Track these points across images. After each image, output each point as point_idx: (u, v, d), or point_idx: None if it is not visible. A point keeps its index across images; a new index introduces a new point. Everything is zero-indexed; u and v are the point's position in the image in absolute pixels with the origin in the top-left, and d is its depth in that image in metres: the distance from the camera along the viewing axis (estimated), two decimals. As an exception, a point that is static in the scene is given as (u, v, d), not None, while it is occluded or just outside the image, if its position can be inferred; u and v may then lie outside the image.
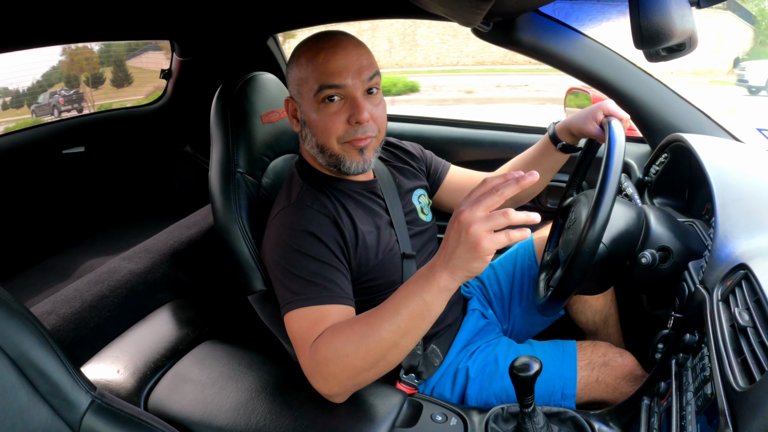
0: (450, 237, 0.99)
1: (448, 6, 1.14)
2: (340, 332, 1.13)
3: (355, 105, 1.31)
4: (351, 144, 1.35)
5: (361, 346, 1.08)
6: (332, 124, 1.32)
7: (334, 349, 1.11)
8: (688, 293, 1.18)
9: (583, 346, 1.51)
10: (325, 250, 1.29)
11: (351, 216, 1.40)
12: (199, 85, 2.80)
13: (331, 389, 1.15)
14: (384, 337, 1.07)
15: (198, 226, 2.13)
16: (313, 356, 1.15)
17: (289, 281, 1.26)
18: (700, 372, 0.98)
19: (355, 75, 1.30)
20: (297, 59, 1.35)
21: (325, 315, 1.20)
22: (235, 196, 1.53)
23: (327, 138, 1.34)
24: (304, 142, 1.41)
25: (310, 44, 1.34)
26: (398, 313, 1.06)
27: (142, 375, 1.36)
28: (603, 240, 1.29)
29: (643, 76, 1.80)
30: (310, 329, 1.19)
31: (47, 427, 0.96)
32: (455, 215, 0.98)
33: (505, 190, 0.95)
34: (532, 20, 1.71)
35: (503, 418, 1.24)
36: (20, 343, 0.93)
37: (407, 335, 1.08)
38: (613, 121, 1.37)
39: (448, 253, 0.99)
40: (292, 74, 1.37)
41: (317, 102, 1.32)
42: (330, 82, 1.29)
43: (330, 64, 1.29)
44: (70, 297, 1.65)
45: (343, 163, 1.37)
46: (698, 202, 1.60)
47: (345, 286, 1.29)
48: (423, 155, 1.78)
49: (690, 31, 1.12)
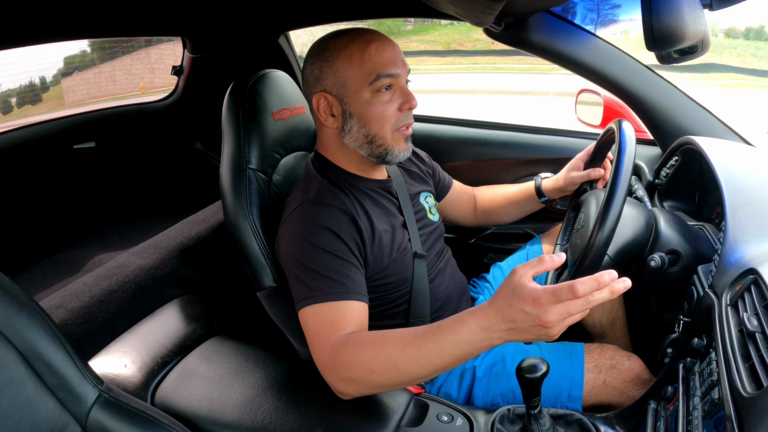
0: (521, 316, 0.95)
1: (460, 5, 1.14)
2: (371, 346, 1.11)
3: (405, 92, 1.38)
4: (400, 132, 1.40)
5: (390, 368, 1.08)
6: (388, 111, 1.37)
7: (360, 360, 1.10)
8: (697, 297, 1.17)
9: (590, 348, 1.51)
10: (342, 246, 1.30)
11: (368, 214, 1.41)
12: (210, 82, 2.81)
13: (346, 390, 1.16)
14: (417, 370, 1.06)
15: (207, 222, 2.14)
16: (334, 357, 1.15)
17: (306, 276, 1.27)
18: (708, 377, 0.98)
19: (402, 65, 1.38)
20: (338, 52, 1.35)
21: (342, 311, 1.21)
22: (246, 193, 1.53)
23: (381, 126, 1.37)
24: (344, 135, 1.41)
25: (351, 37, 1.36)
26: (440, 355, 1.04)
27: (150, 370, 1.36)
28: (608, 251, 1.29)
29: (654, 77, 1.79)
30: (328, 326, 1.20)
31: (54, 420, 0.96)
32: (533, 299, 0.94)
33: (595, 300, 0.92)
34: (544, 21, 1.71)
35: (509, 419, 1.23)
36: (29, 336, 0.94)
37: (438, 372, 1.08)
38: (624, 123, 1.36)
39: (515, 328, 0.97)
40: (331, 68, 1.37)
41: (372, 92, 1.34)
42: (387, 71, 1.34)
43: (383, 55, 1.34)
44: (78, 291, 1.66)
45: (391, 152, 1.41)
46: (708, 206, 1.59)
47: (361, 283, 1.29)
48: (431, 163, 1.82)
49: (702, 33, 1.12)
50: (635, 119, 1.97)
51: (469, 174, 2.30)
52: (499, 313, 0.98)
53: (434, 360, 1.04)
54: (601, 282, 0.90)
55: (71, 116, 2.90)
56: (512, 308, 0.96)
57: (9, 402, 0.91)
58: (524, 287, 0.96)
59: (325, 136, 1.47)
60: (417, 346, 1.06)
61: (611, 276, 0.90)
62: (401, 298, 1.47)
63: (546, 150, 2.22)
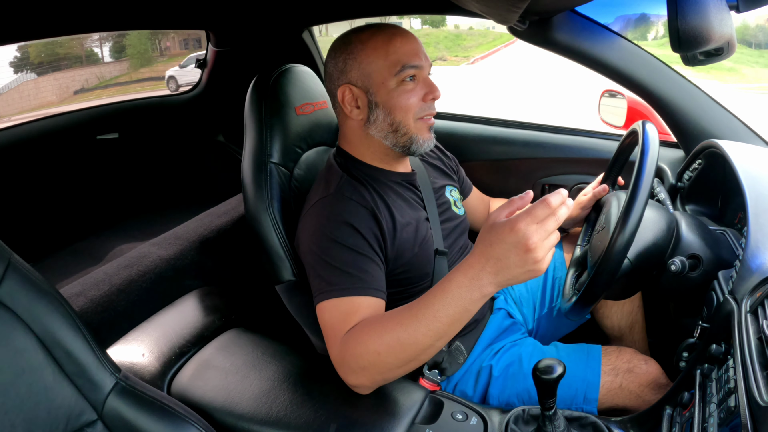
0: (502, 249, 0.97)
1: (485, 3, 1.13)
2: (373, 328, 1.13)
3: (429, 83, 1.42)
4: (423, 121, 1.42)
5: (395, 345, 1.09)
6: (412, 100, 1.40)
7: (366, 345, 1.11)
8: (717, 303, 1.16)
9: (608, 351, 1.50)
10: (361, 241, 1.31)
11: (390, 208, 1.41)
12: (233, 75, 2.82)
13: (359, 381, 1.16)
14: (419, 339, 1.07)
15: (228, 215, 2.15)
16: (343, 348, 1.16)
17: (324, 271, 1.28)
18: (725, 384, 0.97)
19: (425, 58, 1.42)
20: (362, 44, 1.39)
21: (357, 306, 1.22)
22: (267, 186, 1.54)
23: (405, 115, 1.40)
24: (369, 126, 1.43)
25: (375, 31, 1.40)
26: (437, 318, 1.05)
27: (167, 359, 1.38)
28: (629, 254, 1.28)
29: (679, 79, 1.77)
30: (341, 321, 1.20)
31: (71, 406, 0.97)
32: (510, 227, 0.96)
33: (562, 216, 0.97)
34: (569, 20, 1.70)
35: (524, 419, 1.23)
36: (49, 323, 0.95)
37: (442, 338, 1.09)
38: (648, 125, 1.35)
39: (501, 265, 0.98)
40: (356, 60, 1.40)
41: (397, 82, 1.38)
42: (412, 63, 1.38)
43: (408, 47, 1.39)
44: (99, 280, 1.68)
45: (415, 141, 1.43)
46: (731, 211, 1.57)
47: (379, 279, 1.30)
48: (456, 164, 1.84)
49: (728, 35, 1.10)
50: (659, 121, 1.96)
51: (490, 173, 2.30)
52: (482, 257, 1.00)
53: (433, 324, 1.06)
54: (563, 194, 0.96)
55: (95, 107, 2.93)
56: (493, 245, 0.98)
57: (27, 387, 0.92)
58: (498, 222, 0.98)
59: (349, 130, 1.48)
60: (414, 316, 1.08)
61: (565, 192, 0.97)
62: (421, 293, 1.47)
63: (568, 150, 2.21)
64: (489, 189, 2.04)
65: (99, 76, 5.57)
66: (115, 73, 5.84)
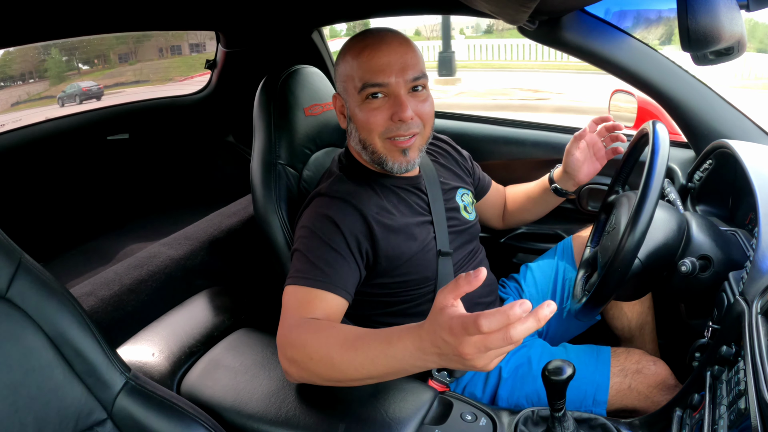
0: (441, 343, 0.88)
1: (494, 3, 1.13)
2: (317, 335, 1.11)
3: (398, 103, 1.32)
4: (393, 143, 1.36)
5: (327, 362, 1.07)
6: (374, 119, 1.33)
7: (303, 345, 1.11)
8: (727, 304, 1.15)
9: (617, 352, 1.50)
10: (339, 238, 1.30)
11: (388, 209, 1.41)
12: (243, 76, 2.83)
13: (287, 368, 1.15)
14: (349, 370, 1.05)
15: (238, 215, 2.16)
16: (286, 335, 1.15)
17: (297, 259, 1.28)
18: (735, 386, 0.96)
19: (399, 73, 1.31)
20: (343, 56, 1.37)
21: (314, 298, 1.22)
22: (276, 187, 1.54)
23: (368, 134, 1.35)
24: (349, 138, 1.43)
25: (356, 41, 1.36)
26: (374, 363, 1.01)
27: (177, 359, 1.38)
28: (639, 254, 1.28)
29: (689, 79, 1.76)
30: (296, 307, 1.22)
31: (81, 405, 0.98)
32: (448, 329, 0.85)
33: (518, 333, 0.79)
34: (578, 19, 1.69)
35: (533, 421, 1.23)
36: (59, 322, 0.96)
37: (369, 380, 1.07)
38: (658, 125, 1.35)
39: (443, 355, 0.90)
40: (339, 70, 1.39)
41: (361, 99, 1.33)
42: (373, 81, 1.30)
43: (373, 61, 1.31)
44: (109, 280, 1.69)
45: (386, 162, 1.39)
46: (742, 211, 1.57)
47: (347, 279, 1.28)
48: (472, 163, 1.81)
49: (739, 34, 1.10)
50: (669, 121, 1.95)
51: (500, 173, 2.29)
52: (428, 337, 0.91)
53: (367, 366, 1.02)
54: (511, 315, 0.78)
55: (106, 108, 2.95)
56: (435, 334, 0.89)
57: (37, 386, 0.93)
58: (442, 314, 0.88)
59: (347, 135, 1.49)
60: (355, 347, 1.03)
61: (523, 308, 0.78)
62: (424, 297, 1.47)
63: None
64: (498, 190, 2.04)
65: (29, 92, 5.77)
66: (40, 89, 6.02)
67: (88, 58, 6.52)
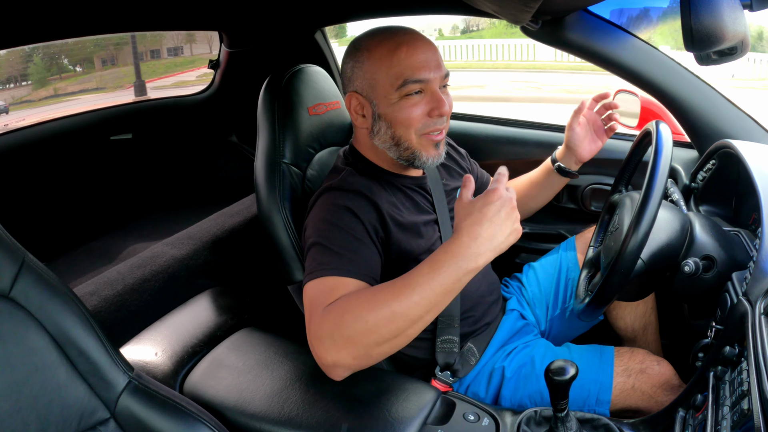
0: (492, 210, 1.05)
1: (498, 3, 1.14)
2: (361, 297, 1.10)
3: (436, 98, 1.34)
4: (428, 138, 1.37)
5: (386, 314, 1.05)
6: (414, 115, 1.34)
7: (354, 313, 1.08)
8: (730, 305, 1.15)
9: (621, 352, 1.50)
10: (359, 227, 1.30)
11: (396, 205, 1.41)
12: (246, 76, 2.83)
13: (339, 357, 1.10)
14: (411, 309, 1.06)
15: (241, 215, 2.16)
16: (325, 318, 1.11)
17: (318, 252, 1.25)
18: (738, 386, 0.96)
19: (435, 69, 1.34)
20: (368, 53, 1.35)
21: (343, 286, 1.18)
22: (280, 187, 1.54)
23: (406, 130, 1.36)
24: (374, 136, 1.41)
25: (383, 38, 1.35)
26: (431, 287, 1.05)
27: (180, 359, 1.38)
28: (642, 254, 1.27)
29: (692, 79, 1.76)
30: (325, 295, 1.16)
31: (84, 405, 0.98)
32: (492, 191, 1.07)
33: None
34: (581, 19, 1.69)
35: (536, 421, 1.23)
36: (62, 321, 0.96)
37: (432, 310, 1.08)
38: (661, 125, 1.34)
39: (493, 228, 1.05)
40: (361, 69, 1.37)
41: (399, 96, 1.33)
42: (415, 77, 1.31)
43: (413, 58, 1.32)
44: (112, 279, 1.69)
45: (418, 157, 1.39)
46: (745, 212, 1.56)
47: (371, 264, 1.27)
48: (470, 161, 1.82)
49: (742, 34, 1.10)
50: (672, 121, 1.94)
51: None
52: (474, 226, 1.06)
53: (426, 294, 1.06)
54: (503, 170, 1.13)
55: (109, 108, 2.95)
56: (482, 211, 1.06)
57: (40, 385, 0.93)
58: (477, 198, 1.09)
59: (360, 134, 1.47)
60: (407, 285, 1.08)
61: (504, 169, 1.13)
62: None
63: None
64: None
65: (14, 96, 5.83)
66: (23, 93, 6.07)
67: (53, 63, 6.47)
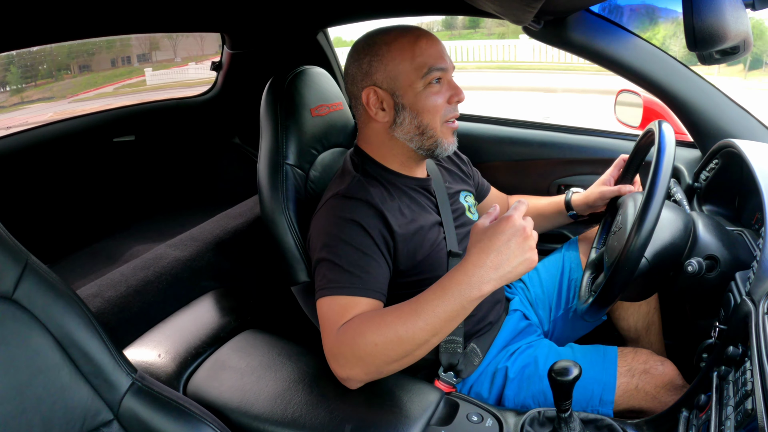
0: (502, 240, 1.08)
1: (500, 3, 1.14)
2: (372, 320, 1.15)
3: (453, 85, 1.44)
4: (449, 125, 1.45)
5: (393, 338, 1.11)
6: (439, 102, 1.41)
7: (364, 336, 1.13)
8: (734, 304, 1.15)
9: (624, 352, 1.49)
10: (368, 241, 1.31)
11: (402, 210, 1.41)
12: (248, 77, 2.83)
13: (352, 372, 1.18)
14: (417, 334, 1.11)
15: (244, 216, 2.16)
16: (340, 339, 1.17)
17: (328, 269, 1.28)
18: (742, 386, 0.96)
19: (449, 60, 1.43)
20: (388, 46, 1.39)
21: (354, 305, 1.23)
22: (283, 188, 1.54)
23: (432, 117, 1.41)
24: (395, 128, 1.43)
25: (399, 33, 1.40)
26: (435, 314, 1.10)
27: (183, 360, 1.38)
28: (645, 254, 1.27)
29: (695, 78, 1.76)
30: (338, 314, 1.22)
31: (87, 406, 0.98)
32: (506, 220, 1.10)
33: None
34: (584, 19, 1.69)
35: (539, 421, 1.23)
36: (65, 323, 0.96)
37: (438, 334, 1.13)
38: (664, 124, 1.34)
39: (501, 258, 1.08)
40: (381, 62, 1.40)
41: (424, 84, 1.38)
42: (438, 65, 1.38)
43: (434, 49, 1.39)
44: (116, 281, 1.69)
45: (440, 144, 1.44)
46: (748, 211, 1.56)
47: (380, 280, 1.30)
48: (471, 167, 1.85)
49: (744, 33, 1.10)
50: (675, 121, 1.94)
51: (506, 173, 2.29)
52: (482, 254, 1.09)
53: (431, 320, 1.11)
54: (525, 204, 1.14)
55: (111, 110, 2.94)
56: (492, 239, 1.09)
57: (44, 387, 0.93)
58: (488, 223, 1.14)
59: (371, 132, 1.48)
60: (413, 311, 1.13)
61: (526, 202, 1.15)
62: None
63: (584, 150, 2.20)
64: (505, 190, 2.03)
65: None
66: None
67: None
